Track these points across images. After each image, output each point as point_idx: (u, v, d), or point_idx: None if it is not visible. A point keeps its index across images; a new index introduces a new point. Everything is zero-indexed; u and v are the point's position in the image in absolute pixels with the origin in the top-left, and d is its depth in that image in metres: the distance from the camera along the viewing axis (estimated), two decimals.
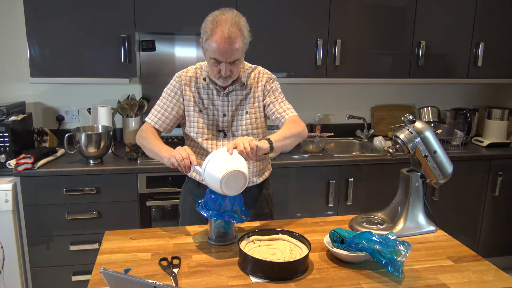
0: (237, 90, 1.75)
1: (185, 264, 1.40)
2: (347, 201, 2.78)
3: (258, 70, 1.81)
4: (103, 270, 1.02)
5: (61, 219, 2.42)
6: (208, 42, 1.57)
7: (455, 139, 3.00)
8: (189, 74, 1.76)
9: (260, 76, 1.80)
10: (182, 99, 1.75)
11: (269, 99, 1.78)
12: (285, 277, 1.31)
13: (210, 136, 1.76)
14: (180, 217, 1.94)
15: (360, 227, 1.67)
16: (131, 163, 2.51)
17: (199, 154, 1.79)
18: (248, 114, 1.77)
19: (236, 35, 1.55)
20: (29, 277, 2.50)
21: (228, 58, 1.57)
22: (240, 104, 1.77)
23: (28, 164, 2.33)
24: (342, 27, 2.83)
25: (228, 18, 1.55)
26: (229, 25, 1.54)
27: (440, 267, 1.42)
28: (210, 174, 1.41)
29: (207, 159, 1.44)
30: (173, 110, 1.75)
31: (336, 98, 3.32)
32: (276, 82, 1.82)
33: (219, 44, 1.54)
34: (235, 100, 1.76)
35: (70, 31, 2.51)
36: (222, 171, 1.38)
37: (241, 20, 1.59)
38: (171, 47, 2.97)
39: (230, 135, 1.77)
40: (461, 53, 3.04)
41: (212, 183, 1.42)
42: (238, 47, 1.57)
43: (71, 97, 2.94)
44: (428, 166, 1.63)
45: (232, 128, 1.77)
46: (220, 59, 1.58)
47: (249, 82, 1.78)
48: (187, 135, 1.82)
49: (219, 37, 1.54)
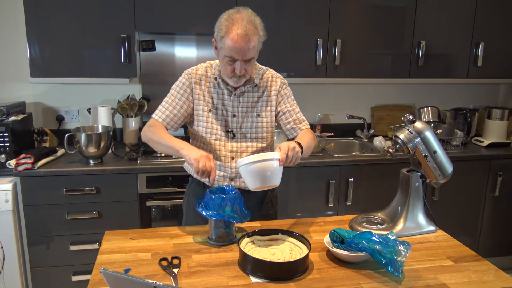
0: (248, 91, 1.74)
1: (185, 264, 1.40)
2: (347, 201, 2.78)
3: (271, 72, 1.80)
4: (103, 270, 1.02)
5: (61, 219, 2.42)
6: (223, 40, 1.56)
7: (455, 139, 3.00)
8: (199, 72, 1.74)
9: (274, 80, 1.79)
10: (192, 97, 1.73)
11: (285, 106, 1.78)
12: (285, 277, 1.31)
13: (219, 136, 1.74)
14: (184, 217, 1.94)
15: (360, 227, 1.67)
16: (131, 163, 2.51)
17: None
18: (260, 117, 1.76)
19: (252, 32, 1.54)
20: (29, 277, 2.50)
21: (243, 56, 1.56)
22: (251, 106, 1.75)
23: (28, 164, 2.33)
24: (342, 27, 2.83)
25: (244, 16, 1.55)
26: (245, 22, 1.53)
27: (440, 267, 1.42)
28: (248, 173, 1.44)
29: (253, 157, 1.43)
30: (182, 108, 1.72)
31: (336, 98, 3.32)
32: (289, 88, 1.82)
33: (235, 42, 1.53)
34: (246, 101, 1.74)
35: (70, 31, 2.51)
36: (260, 182, 1.44)
37: (256, 19, 1.59)
38: (171, 47, 2.97)
39: (239, 136, 1.75)
40: (461, 53, 3.04)
41: (245, 178, 1.47)
42: (254, 45, 1.56)
43: (71, 97, 2.94)
44: (428, 166, 1.63)
45: (241, 129, 1.75)
46: (235, 57, 1.56)
47: (261, 84, 1.76)
48: (194, 133, 1.80)
49: (236, 34, 1.52)
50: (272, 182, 1.45)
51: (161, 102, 1.75)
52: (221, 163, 1.74)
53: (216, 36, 1.60)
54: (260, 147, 1.78)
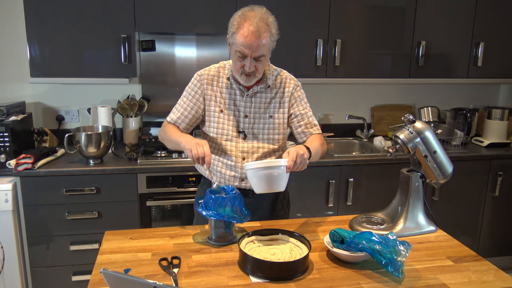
0: (261, 92, 1.74)
1: (185, 264, 1.40)
2: (347, 201, 2.78)
3: (285, 74, 1.80)
4: (103, 270, 1.02)
5: (61, 219, 2.42)
6: (235, 35, 1.57)
7: (455, 139, 3.00)
8: (212, 72, 1.75)
9: (287, 82, 1.79)
10: (203, 98, 1.74)
11: (298, 109, 1.77)
12: (285, 277, 1.31)
13: (230, 137, 1.74)
14: (195, 217, 1.93)
15: (360, 227, 1.67)
16: (131, 163, 2.51)
17: (218, 154, 1.76)
18: (272, 118, 1.75)
19: (263, 29, 1.56)
20: (29, 277, 2.50)
21: (253, 52, 1.56)
22: (264, 107, 1.75)
23: (28, 164, 2.33)
24: (342, 27, 2.83)
25: (257, 14, 1.56)
26: (257, 20, 1.55)
27: (440, 267, 1.42)
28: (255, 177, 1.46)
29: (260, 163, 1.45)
30: (193, 109, 1.75)
31: (336, 98, 3.32)
32: (302, 90, 1.82)
33: (245, 37, 1.54)
34: (259, 102, 1.74)
35: (70, 31, 2.51)
36: (266, 187, 1.46)
37: (270, 17, 1.60)
38: (171, 47, 2.97)
39: (250, 137, 1.74)
40: (461, 53, 3.04)
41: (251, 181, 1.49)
42: (265, 43, 1.57)
43: (71, 97, 2.94)
44: (428, 166, 1.63)
45: (253, 130, 1.75)
46: (245, 52, 1.57)
47: (274, 85, 1.76)
48: (205, 134, 1.80)
49: (247, 30, 1.54)
50: (278, 188, 1.48)
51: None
52: (232, 163, 1.74)
53: (228, 32, 1.62)
54: (272, 148, 1.77)
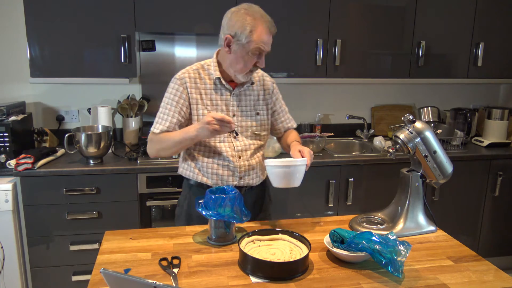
0: (246, 90, 1.76)
1: (185, 264, 1.40)
2: (347, 201, 2.78)
3: (260, 72, 1.84)
4: (103, 270, 1.02)
5: (61, 219, 2.42)
6: (251, 35, 1.57)
7: (455, 139, 3.00)
8: (192, 75, 1.71)
9: (265, 79, 1.84)
10: (188, 102, 1.70)
11: (279, 106, 1.87)
12: (285, 277, 1.31)
13: (223, 138, 1.72)
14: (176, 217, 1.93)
15: (360, 227, 1.67)
16: (131, 163, 2.51)
17: (211, 157, 1.73)
18: (259, 115, 1.79)
19: (272, 23, 1.62)
20: (29, 277, 2.50)
21: (268, 47, 1.63)
22: (250, 105, 1.77)
23: (28, 164, 2.33)
24: (342, 27, 2.83)
25: (257, 9, 1.61)
26: (263, 14, 1.60)
27: (440, 267, 1.42)
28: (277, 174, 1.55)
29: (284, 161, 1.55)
30: (180, 115, 1.68)
31: (336, 98, 3.32)
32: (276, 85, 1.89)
33: (265, 34, 1.58)
34: (244, 100, 1.76)
35: (70, 31, 2.51)
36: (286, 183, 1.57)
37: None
38: (171, 47, 2.97)
39: (240, 135, 1.75)
40: (461, 53, 3.04)
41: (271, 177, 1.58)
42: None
43: (71, 97, 2.94)
44: (428, 166, 1.63)
45: (242, 128, 1.76)
46: (265, 49, 1.61)
47: (256, 83, 1.79)
48: None
49: (265, 27, 1.58)
50: (297, 184, 1.59)
51: (161, 102, 1.73)
52: (230, 163, 1.73)
53: (237, 34, 1.57)
54: (260, 144, 1.81)
